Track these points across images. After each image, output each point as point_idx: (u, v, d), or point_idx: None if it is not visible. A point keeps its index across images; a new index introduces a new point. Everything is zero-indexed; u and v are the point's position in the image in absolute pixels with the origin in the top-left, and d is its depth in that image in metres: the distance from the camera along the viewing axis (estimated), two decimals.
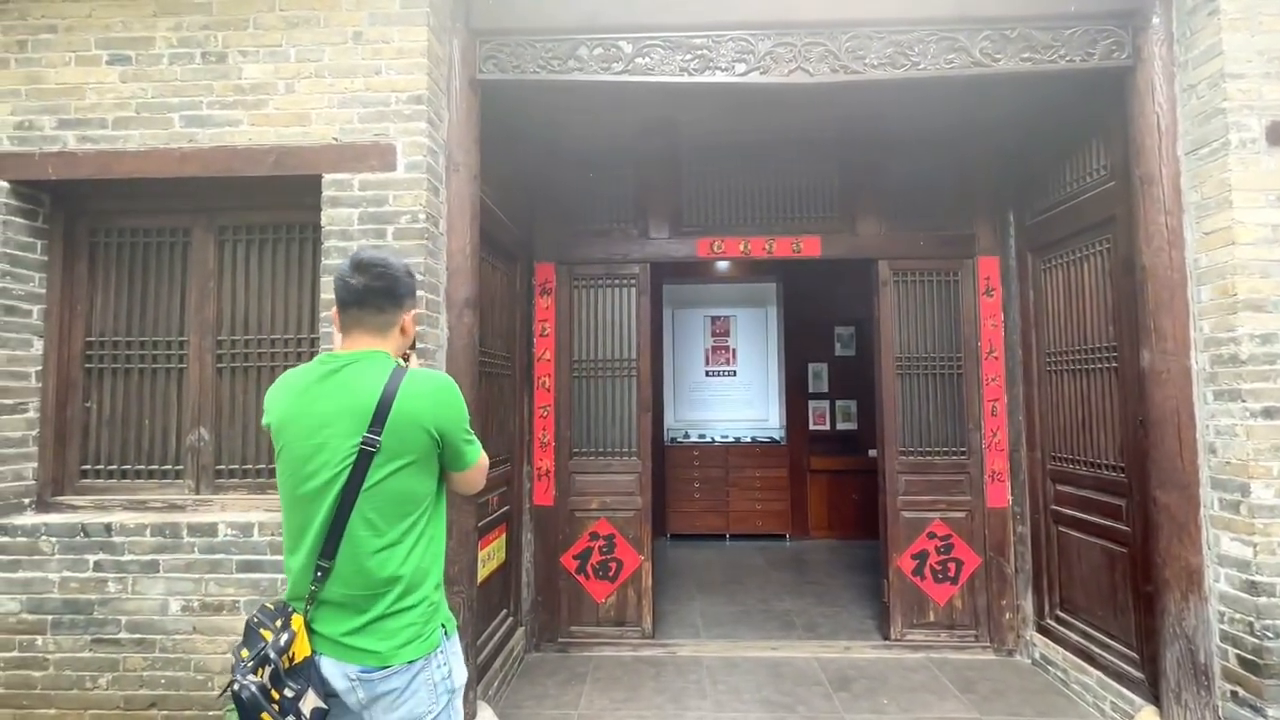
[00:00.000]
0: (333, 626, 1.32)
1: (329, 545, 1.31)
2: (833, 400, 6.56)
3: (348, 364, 1.36)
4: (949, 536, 3.65)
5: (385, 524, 1.33)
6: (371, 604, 1.32)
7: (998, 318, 3.69)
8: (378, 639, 1.31)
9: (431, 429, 1.35)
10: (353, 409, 1.32)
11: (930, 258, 3.74)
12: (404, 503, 1.35)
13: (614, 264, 3.83)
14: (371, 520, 1.32)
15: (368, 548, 1.31)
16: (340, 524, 1.31)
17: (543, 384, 3.76)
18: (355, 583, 1.32)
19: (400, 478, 1.34)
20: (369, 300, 1.38)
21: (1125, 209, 2.73)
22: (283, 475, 1.37)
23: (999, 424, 3.65)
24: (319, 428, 1.33)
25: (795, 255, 3.77)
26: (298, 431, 1.35)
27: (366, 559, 1.31)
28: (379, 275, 1.38)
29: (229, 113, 2.50)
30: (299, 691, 1.28)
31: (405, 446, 1.33)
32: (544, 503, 3.73)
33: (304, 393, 1.37)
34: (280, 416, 1.38)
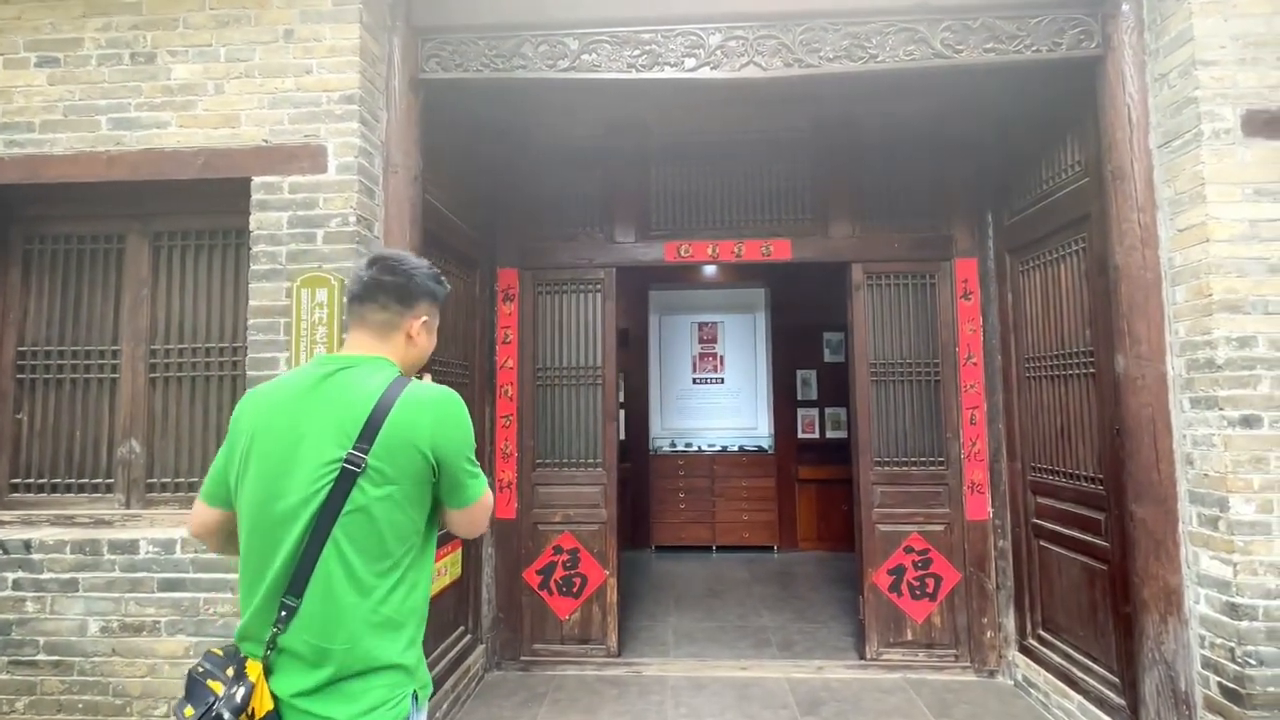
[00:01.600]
0: (289, 683, 1.08)
1: (297, 580, 1.08)
2: (822, 408, 6.40)
3: (342, 369, 1.17)
4: (927, 551, 3.49)
5: (362, 562, 1.10)
6: (338, 660, 1.08)
7: (976, 322, 3.54)
8: (337, 703, 1.08)
9: (428, 451, 1.13)
10: (339, 420, 1.11)
11: (906, 260, 3.61)
12: (385, 538, 1.11)
13: (579, 269, 3.72)
14: (346, 556, 1.09)
15: (341, 589, 1.08)
16: (313, 555, 1.08)
17: (505, 393, 3.65)
18: (320, 630, 1.08)
19: (386, 506, 1.11)
20: (373, 295, 1.22)
21: (1098, 206, 2.59)
22: (247, 494, 1.13)
23: (978, 433, 3.50)
24: (297, 439, 1.12)
25: (765, 259, 3.65)
26: (271, 442, 1.13)
27: (339, 602, 1.08)
28: (390, 269, 1.22)
29: (157, 114, 2.42)
30: None
31: (395, 470, 1.11)
32: (506, 516, 3.61)
33: (285, 399, 1.16)
34: (252, 424, 1.16)
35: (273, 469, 1.12)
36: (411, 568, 1.16)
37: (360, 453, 1.10)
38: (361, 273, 1.23)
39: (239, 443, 1.17)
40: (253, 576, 1.13)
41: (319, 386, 1.16)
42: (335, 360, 1.20)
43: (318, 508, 1.09)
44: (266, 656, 1.09)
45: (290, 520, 1.10)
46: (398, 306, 1.23)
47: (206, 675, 1.09)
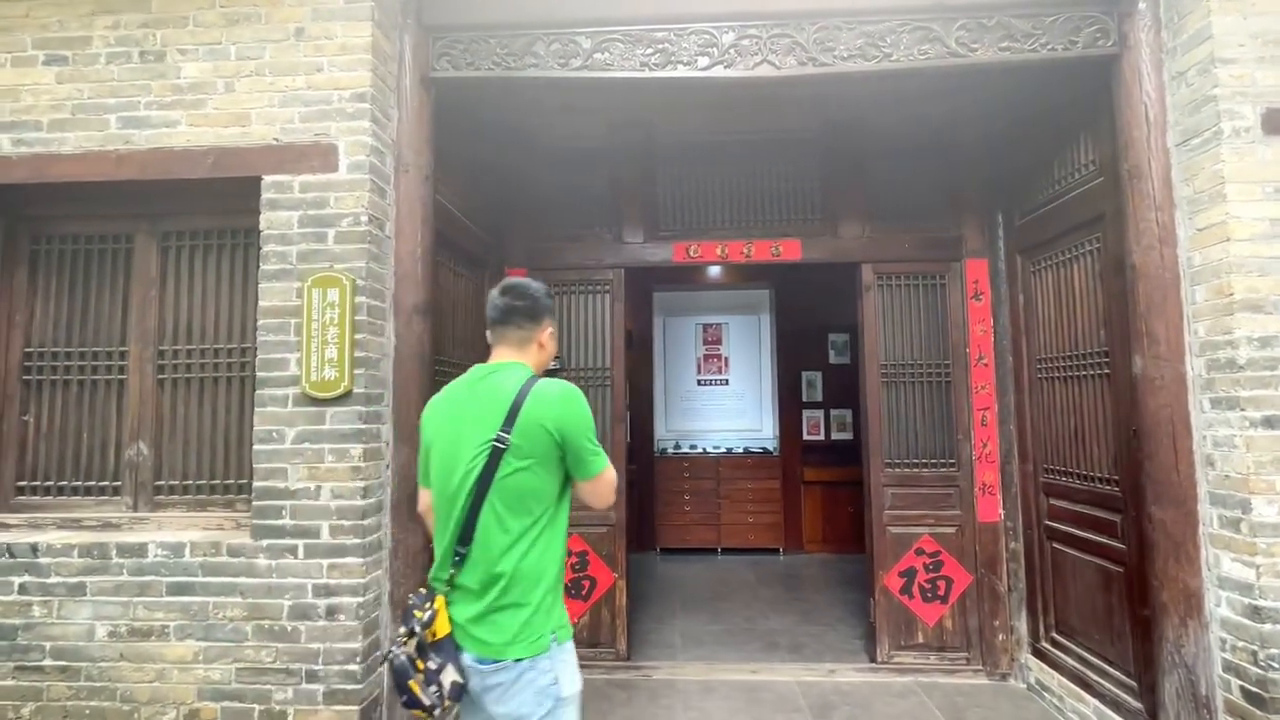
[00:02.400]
0: (460, 611, 1.44)
1: (465, 533, 1.43)
2: (827, 409, 6.38)
3: (491, 373, 1.54)
4: (938, 553, 3.46)
5: (510, 517, 1.42)
6: (484, 593, 1.41)
7: (987, 323, 3.52)
8: (489, 631, 1.40)
9: (553, 430, 1.44)
10: (490, 411, 1.46)
11: (916, 260, 3.59)
12: (527, 499, 1.44)
13: (587, 270, 3.70)
14: (499, 512, 1.42)
15: (496, 539, 1.42)
16: (475, 513, 1.43)
17: None
18: (481, 573, 1.42)
19: (525, 475, 1.43)
20: (511, 318, 1.57)
21: (1114, 205, 2.57)
22: (434, 474, 1.53)
23: (989, 434, 3.47)
24: (462, 427, 1.49)
25: (774, 259, 3.63)
26: (446, 431, 1.52)
27: (495, 550, 1.41)
28: (519, 296, 1.57)
29: (167, 113, 2.40)
30: (440, 665, 1.40)
31: (531, 446, 1.43)
32: None
33: (452, 402, 1.56)
34: (432, 423, 1.57)
35: (448, 453, 1.50)
36: (548, 528, 1.46)
37: (505, 434, 1.43)
38: (497, 300, 1.57)
39: (425, 434, 1.59)
40: (440, 533, 1.51)
41: (474, 389, 1.53)
42: (486, 368, 1.57)
43: (477, 476, 1.43)
44: (447, 592, 1.46)
45: (460, 488, 1.45)
46: (530, 325, 1.58)
47: (415, 606, 1.45)
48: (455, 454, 1.48)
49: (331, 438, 2.27)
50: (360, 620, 2.23)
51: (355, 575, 2.23)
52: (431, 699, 1.38)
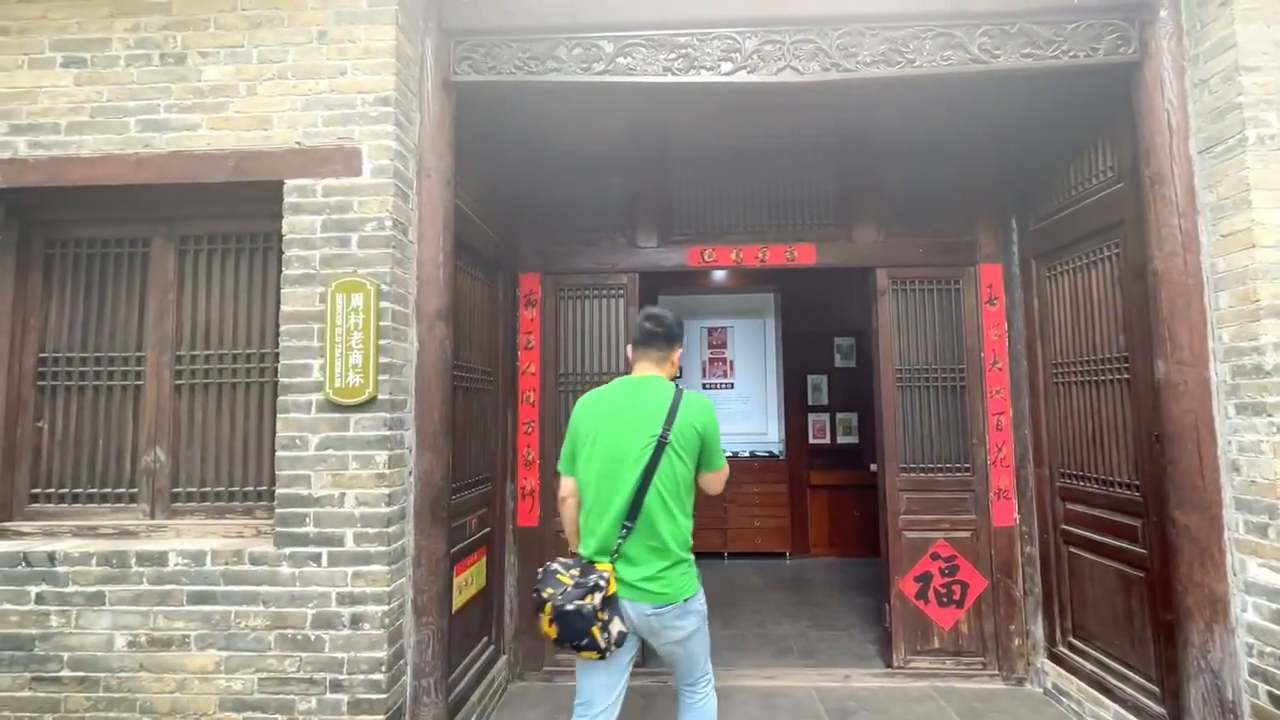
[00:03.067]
0: (631, 573, 1.81)
1: (632, 511, 1.81)
2: (833, 413, 6.39)
3: (642, 384, 1.96)
4: (953, 557, 3.47)
5: (670, 499, 1.84)
6: (655, 560, 1.82)
7: (1001, 327, 3.53)
8: (663, 585, 1.81)
9: (700, 431, 1.90)
10: (651, 414, 1.87)
11: (930, 265, 3.60)
12: (681, 484, 1.87)
13: (601, 274, 3.69)
14: (662, 494, 1.83)
15: (659, 515, 1.82)
16: (641, 495, 1.81)
17: (527, 399, 3.60)
18: (647, 543, 1.82)
19: (680, 465, 1.86)
20: (653, 342, 2.00)
21: (1135, 212, 2.59)
22: (596, 462, 1.87)
23: (1004, 438, 3.48)
24: (625, 426, 1.87)
25: (790, 264, 3.63)
26: (612, 427, 1.89)
27: (658, 523, 1.82)
28: (659, 324, 2.00)
29: (187, 116, 2.37)
30: (610, 617, 1.76)
31: (684, 443, 1.87)
32: (528, 524, 3.56)
33: (612, 403, 1.94)
34: (596, 417, 1.93)
35: (612, 446, 1.87)
36: (688, 504, 1.91)
37: (665, 433, 1.84)
38: (645, 325, 2.00)
39: (583, 429, 1.94)
40: (601, 512, 1.86)
41: (631, 395, 1.94)
42: (636, 380, 1.99)
43: (644, 466, 1.83)
44: (613, 558, 1.82)
45: (628, 474, 1.83)
46: (666, 348, 2.02)
47: (558, 571, 1.83)
48: (621, 448, 1.86)
49: (356, 444, 2.24)
50: (385, 629, 2.20)
51: (380, 584, 2.21)
52: (605, 642, 1.75)
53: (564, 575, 1.81)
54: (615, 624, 1.77)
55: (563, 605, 1.74)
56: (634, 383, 1.98)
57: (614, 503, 1.83)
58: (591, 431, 1.91)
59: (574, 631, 1.74)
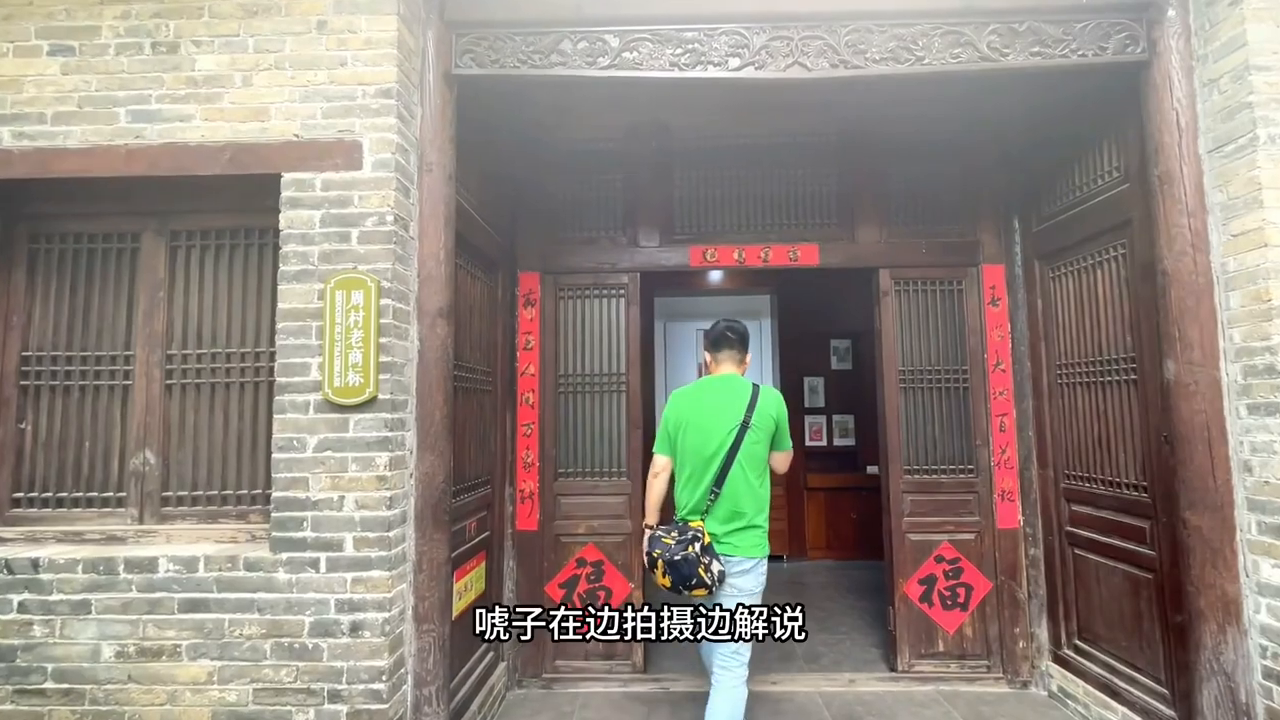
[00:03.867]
0: (717, 528, 2.26)
1: (720, 481, 2.25)
2: (830, 415, 6.37)
3: (726, 381, 2.42)
4: (958, 560, 3.44)
5: (750, 471, 2.28)
6: (741, 519, 2.26)
7: (1004, 328, 3.52)
8: (739, 540, 2.26)
9: (775, 418, 2.36)
10: (735, 404, 2.32)
11: (933, 266, 3.58)
12: (759, 460, 2.33)
13: (602, 273, 3.64)
14: (744, 467, 2.27)
15: (741, 484, 2.26)
16: (727, 468, 2.25)
17: (526, 400, 3.54)
18: (734, 506, 2.26)
19: (759, 445, 2.32)
20: (732, 345, 2.49)
21: (1142, 211, 2.58)
22: (689, 443, 2.34)
23: (1008, 440, 3.47)
24: (714, 414, 2.32)
25: (792, 264, 3.60)
26: (700, 416, 2.34)
27: (740, 491, 2.26)
28: (735, 332, 2.50)
29: (180, 107, 2.30)
30: (710, 560, 2.19)
31: (762, 426, 2.32)
32: (527, 527, 3.49)
33: (706, 395, 2.40)
34: (689, 408, 2.39)
35: (704, 430, 2.31)
36: (764, 478, 2.35)
37: (748, 419, 2.28)
38: (725, 332, 2.49)
39: (678, 418, 2.40)
40: (695, 483, 2.32)
41: (717, 390, 2.40)
42: (720, 378, 2.45)
43: (730, 446, 2.27)
44: (703, 517, 2.28)
45: (716, 453, 2.28)
46: (743, 351, 2.52)
47: (660, 535, 2.26)
48: (711, 431, 2.30)
49: (355, 446, 2.17)
50: (385, 637, 2.13)
51: (380, 590, 2.14)
52: (710, 579, 2.18)
53: (666, 537, 2.24)
54: (715, 564, 2.21)
55: (672, 557, 2.17)
56: (720, 380, 2.45)
57: (706, 474, 2.29)
58: (685, 419, 2.38)
59: (684, 575, 2.17)
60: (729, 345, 2.50)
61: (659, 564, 2.23)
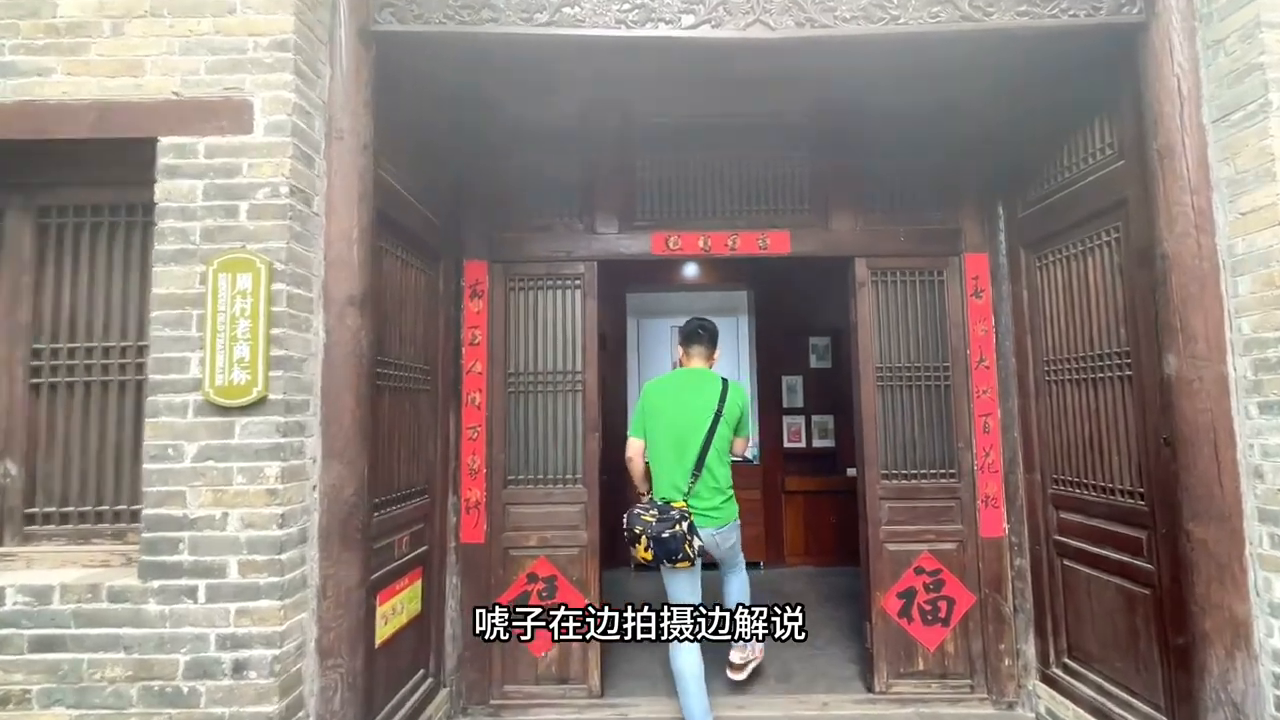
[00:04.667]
0: (701, 505, 2.58)
1: (699, 465, 2.58)
2: (809, 416, 6.12)
3: (697, 375, 2.75)
4: (939, 571, 3.19)
5: (721, 455, 2.66)
6: (716, 496, 2.63)
7: (988, 322, 3.27)
8: (721, 513, 2.64)
9: (740, 409, 2.72)
10: (708, 397, 2.65)
11: (912, 255, 3.33)
12: (727, 444, 2.70)
13: (556, 262, 3.34)
14: (718, 452, 2.64)
15: (716, 466, 2.63)
16: (704, 454, 2.59)
17: (472, 401, 3.23)
18: (712, 487, 2.62)
19: (727, 432, 2.67)
20: (702, 341, 2.83)
21: (1139, 190, 2.34)
22: (665, 429, 2.65)
23: (992, 442, 3.22)
24: (688, 404, 2.66)
25: (762, 252, 3.33)
26: (675, 406, 2.67)
27: (716, 473, 2.63)
28: (704, 328, 2.85)
29: (39, 59, 1.97)
30: (693, 536, 2.48)
31: (730, 416, 2.66)
32: (473, 540, 3.18)
33: (676, 387, 2.75)
34: (663, 397, 2.72)
35: (680, 419, 2.64)
36: (729, 457, 2.74)
37: (720, 410, 2.62)
38: (696, 330, 2.82)
39: (652, 406, 2.72)
40: (674, 466, 2.62)
41: (690, 382, 2.73)
42: (691, 371, 2.79)
43: (705, 433, 2.60)
44: (686, 496, 2.57)
45: (693, 440, 2.60)
46: (711, 347, 2.86)
47: (640, 513, 2.53)
48: (687, 420, 2.62)
49: (242, 454, 1.86)
50: (276, 677, 1.82)
51: (270, 622, 1.83)
52: (694, 553, 2.45)
53: (646, 515, 2.50)
54: (697, 541, 2.48)
55: (658, 534, 2.43)
56: (692, 373, 2.77)
57: (685, 458, 2.59)
58: (659, 408, 2.69)
59: (670, 550, 2.43)
60: (699, 341, 2.82)
61: (642, 539, 2.48)
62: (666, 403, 2.69)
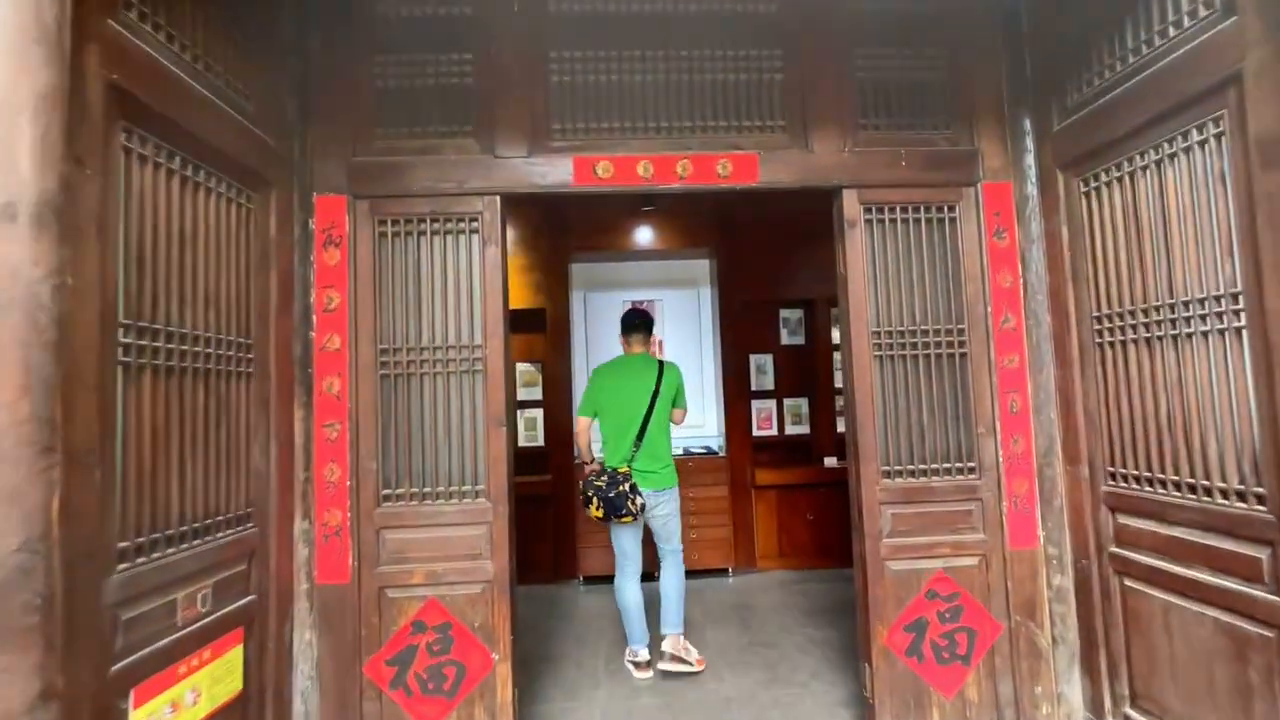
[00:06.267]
0: (643, 468, 3.13)
1: (640, 436, 3.13)
2: (780, 399, 5.40)
3: (639, 360, 3.28)
4: (956, 595, 2.46)
5: (661, 428, 3.21)
6: (657, 463, 3.17)
7: (1014, 270, 2.53)
8: (657, 479, 3.16)
9: (677, 386, 3.28)
10: (647, 376, 3.20)
11: (916, 185, 2.56)
12: (665, 417, 3.24)
13: (444, 197, 2.46)
14: (660, 423, 3.19)
15: (656, 437, 3.17)
16: (645, 427, 3.13)
17: (329, 389, 2.35)
18: (651, 454, 3.16)
19: (665, 407, 3.22)
20: (641, 330, 3.35)
21: (1268, 53, 1.59)
22: (613, 409, 3.19)
23: (1021, 425, 2.50)
24: (634, 386, 3.19)
25: (722, 181, 2.51)
26: (620, 386, 3.21)
27: (655, 443, 3.17)
28: (644, 318, 3.38)
29: None
30: (635, 495, 3.06)
31: (668, 393, 3.22)
32: (334, 579, 2.31)
33: (619, 371, 3.27)
34: (612, 377, 3.24)
35: (624, 397, 3.19)
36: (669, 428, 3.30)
37: (659, 388, 3.20)
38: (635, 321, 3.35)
39: (603, 387, 3.24)
40: (620, 438, 3.17)
41: (633, 366, 3.27)
42: (635, 356, 3.31)
43: (646, 408, 3.17)
44: (630, 463, 3.14)
45: (636, 415, 3.16)
46: (648, 333, 3.39)
47: (593, 480, 3.13)
48: (630, 398, 3.17)
49: None
50: None
51: None
52: (636, 508, 3.04)
53: (598, 481, 3.10)
54: (638, 499, 3.05)
55: (607, 494, 3.02)
56: (635, 358, 3.29)
57: (629, 431, 3.14)
58: (609, 388, 3.21)
59: (616, 507, 3.01)
60: (638, 330, 3.32)
61: (594, 500, 3.05)
62: (614, 385, 3.22)
